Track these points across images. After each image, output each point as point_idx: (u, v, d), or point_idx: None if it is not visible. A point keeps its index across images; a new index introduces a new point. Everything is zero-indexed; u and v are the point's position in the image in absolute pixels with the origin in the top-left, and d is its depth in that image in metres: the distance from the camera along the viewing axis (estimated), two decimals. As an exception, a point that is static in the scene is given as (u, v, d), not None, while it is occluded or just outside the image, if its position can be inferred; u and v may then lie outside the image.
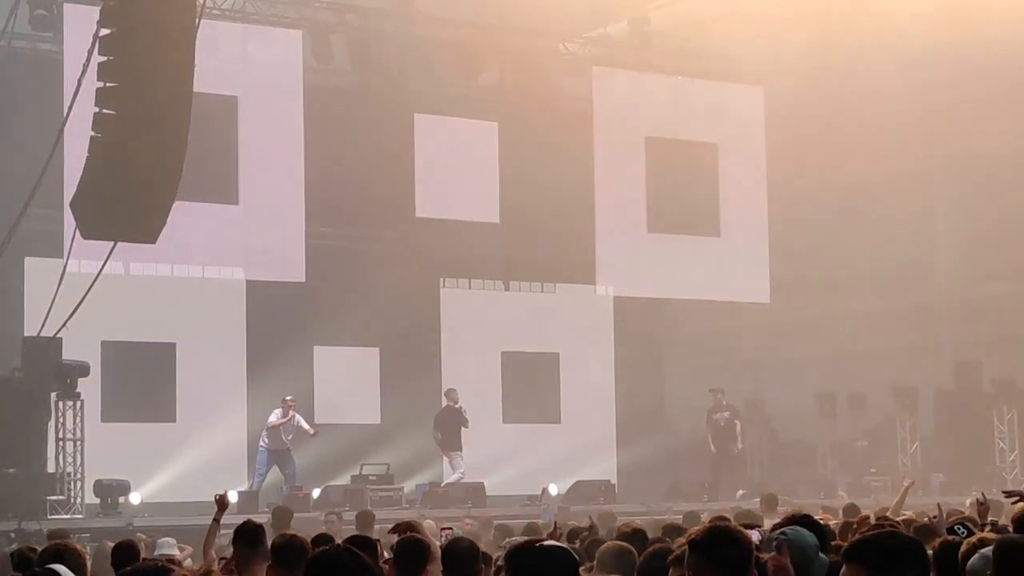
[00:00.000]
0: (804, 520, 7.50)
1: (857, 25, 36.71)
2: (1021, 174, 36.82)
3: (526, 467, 29.88)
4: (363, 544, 8.03)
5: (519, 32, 32.77)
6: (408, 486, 26.97)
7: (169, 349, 29.17)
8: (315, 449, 28.22)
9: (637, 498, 28.00)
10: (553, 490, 27.03)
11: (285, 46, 29.89)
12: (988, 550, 6.77)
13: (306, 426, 27.10)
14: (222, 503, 12.36)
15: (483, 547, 8.87)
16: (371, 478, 26.39)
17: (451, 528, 10.59)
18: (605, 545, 9.22)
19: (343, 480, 26.75)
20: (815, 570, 6.71)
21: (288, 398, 27.53)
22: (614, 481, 28.70)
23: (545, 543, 5.88)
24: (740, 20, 36.33)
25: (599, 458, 31.75)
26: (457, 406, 28.85)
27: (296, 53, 29.97)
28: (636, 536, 9.89)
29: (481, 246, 31.89)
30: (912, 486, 14.73)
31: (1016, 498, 10.78)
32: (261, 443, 27.33)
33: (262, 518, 16.62)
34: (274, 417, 27.24)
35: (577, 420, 32.68)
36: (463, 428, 28.72)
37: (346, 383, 30.65)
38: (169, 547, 13.92)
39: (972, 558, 6.98)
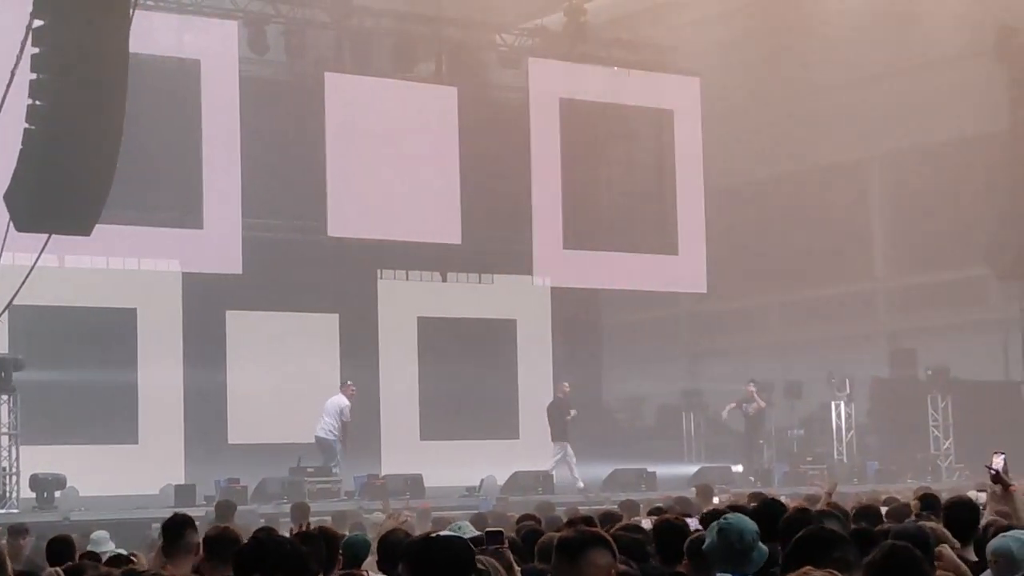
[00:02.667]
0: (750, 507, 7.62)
1: (792, 17, 36.95)
2: (955, 164, 37.12)
3: (465, 458, 29.89)
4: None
5: (455, 23, 32.80)
6: (346, 478, 26.91)
7: (106, 342, 28.96)
8: (254, 441, 28.29)
9: (575, 488, 28.07)
10: (492, 481, 27.08)
11: (221, 37, 29.76)
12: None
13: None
14: None
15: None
16: (309, 470, 26.30)
17: (390, 515, 10.53)
18: (546, 536, 9.20)
19: (282, 472, 26.65)
20: (754, 557, 6.79)
21: (350, 383, 27.89)
22: (552, 472, 28.73)
23: (442, 534, 5.89)
24: (676, 11, 36.54)
25: (538, 448, 31.78)
26: (561, 396, 29.54)
27: (232, 44, 29.85)
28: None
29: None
30: (835, 489, 14.84)
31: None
32: (331, 434, 27.43)
33: (198, 511, 16.62)
34: (349, 413, 27.48)
35: (516, 410, 32.66)
36: (567, 417, 29.27)
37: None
38: (104, 542, 13.84)
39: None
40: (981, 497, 11.64)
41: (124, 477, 26.70)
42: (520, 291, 33.41)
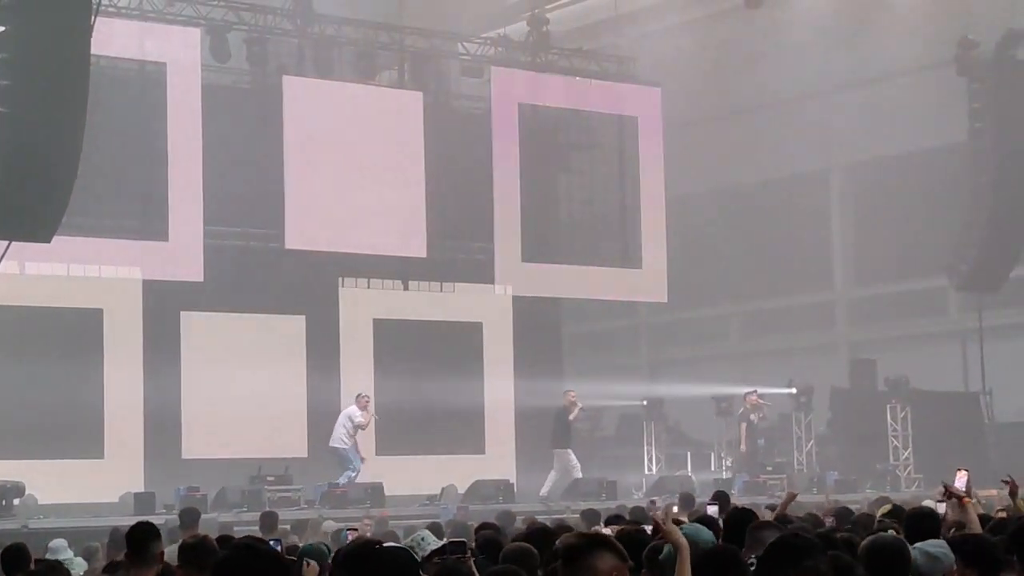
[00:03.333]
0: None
1: (753, 28, 37.08)
2: (915, 175, 37.34)
3: (426, 467, 29.89)
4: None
5: (418, 32, 32.80)
6: (307, 487, 26.86)
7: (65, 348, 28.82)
8: (214, 449, 28.26)
9: (536, 497, 28.09)
10: (452, 490, 27.08)
11: (183, 44, 29.67)
12: None
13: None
14: None
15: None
16: (269, 478, 26.25)
17: (355, 529, 10.51)
18: (507, 547, 9.19)
19: (241, 482, 26.56)
20: None
21: (363, 394, 28.08)
22: (513, 480, 28.73)
23: (385, 545, 5.88)
24: (638, 21, 36.63)
25: (499, 457, 31.80)
26: (566, 404, 29.74)
27: (194, 51, 29.77)
28: (538, 535, 9.73)
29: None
30: (794, 497, 14.88)
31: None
32: (343, 443, 27.61)
33: (158, 519, 16.54)
34: (359, 417, 27.71)
35: (477, 419, 32.62)
36: (569, 424, 29.64)
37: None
38: (63, 550, 13.77)
39: None
40: (941, 508, 11.71)
41: (84, 484, 26.60)
42: (481, 301, 33.42)
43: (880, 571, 6.98)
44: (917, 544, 7.72)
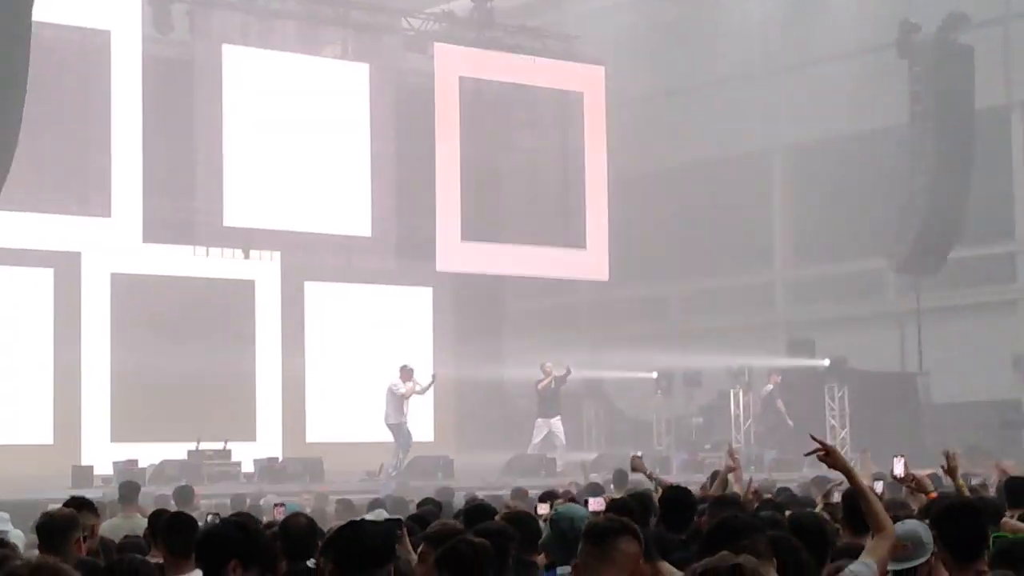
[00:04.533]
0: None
1: (699, 7, 37.15)
2: (856, 157, 37.52)
3: (365, 442, 29.89)
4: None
5: (361, 5, 32.68)
6: (245, 461, 26.82)
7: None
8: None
9: (475, 473, 28.09)
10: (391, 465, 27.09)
11: (125, 14, 29.45)
12: None
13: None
14: None
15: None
16: (208, 453, 26.21)
17: (283, 504, 10.38)
18: (437, 523, 9.17)
19: (180, 455, 26.48)
20: None
21: (406, 365, 27.97)
22: (452, 457, 28.75)
23: (366, 518, 5.92)
24: (583, -1, 36.64)
25: (438, 433, 31.85)
26: (545, 374, 29.70)
27: (135, 22, 29.55)
28: (475, 512, 9.64)
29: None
30: (733, 470, 14.86)
31: None
32: (395, 418, 27.66)
33: (95, 493, 16.48)
34: (402, 388, 27.67)
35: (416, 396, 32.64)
36: (541, 395, 29.59)
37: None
38: (3, 523, 13.61)
39: None
40: (877, 487, 11.79)
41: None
42: (424, 278, 33.46)
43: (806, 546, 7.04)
44: (910, 520, 7.78)
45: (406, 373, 27.99)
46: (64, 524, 8.82)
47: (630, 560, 5.92)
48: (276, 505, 10.23)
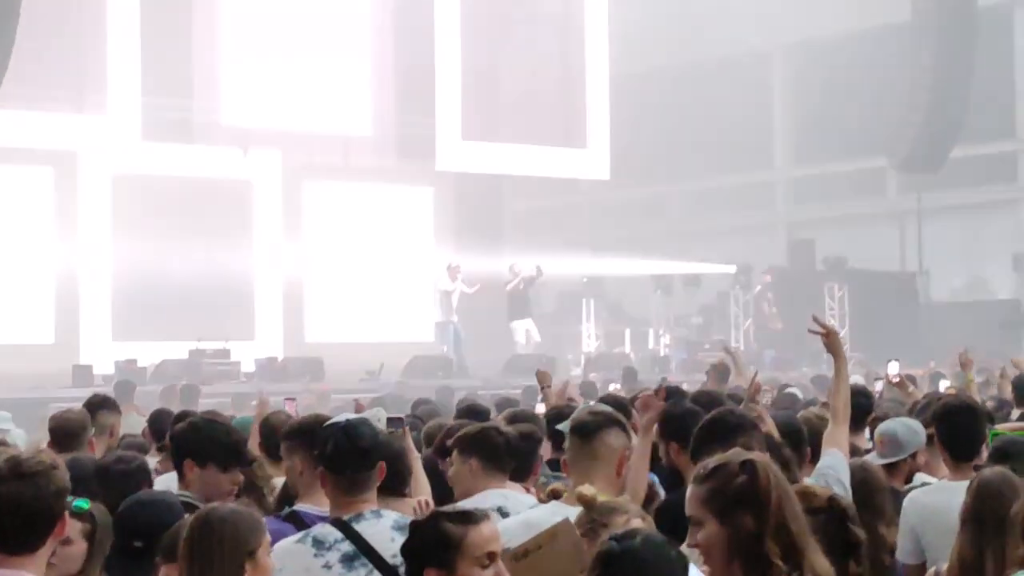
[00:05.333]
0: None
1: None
2: (856, 55, 37.33)
3: (365, 342, 29.97)
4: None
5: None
6: (245, 361, 26.90)
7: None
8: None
9: (475, 372, 28.16)
10: (392, 365, 27.13)
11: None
12: None
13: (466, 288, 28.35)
14: None
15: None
16: (208, 352, 26.28)
17: (294, 399, 10.48)
18: (434, 421, 9.22)
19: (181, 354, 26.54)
20: None
21: (452, 264, 28.53)
22: (452, 356, 28.82)
23: (364, 416, 5.94)
24: None
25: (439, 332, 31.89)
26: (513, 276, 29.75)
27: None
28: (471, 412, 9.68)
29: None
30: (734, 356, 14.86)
31: None
32: (440, 316, 28.49)
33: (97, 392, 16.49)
34: (448, 285, 28.31)
35: (416, 293, 32.70)
36: (511, 296, 29.64)
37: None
38: (5, 421, 13.62)
39: None
40: (877, 386, 11.84)
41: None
42: (424, 179, 33.43)
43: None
44: (899, 418, 8.13)
45: (452, 271, 28.19)
46: (76, 426, 8.88)
47: (615, 453, 5.91)
48: (286, 400, 10.30)
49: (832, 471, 6.52)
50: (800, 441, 7.46)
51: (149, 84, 29.06)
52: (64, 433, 8.87)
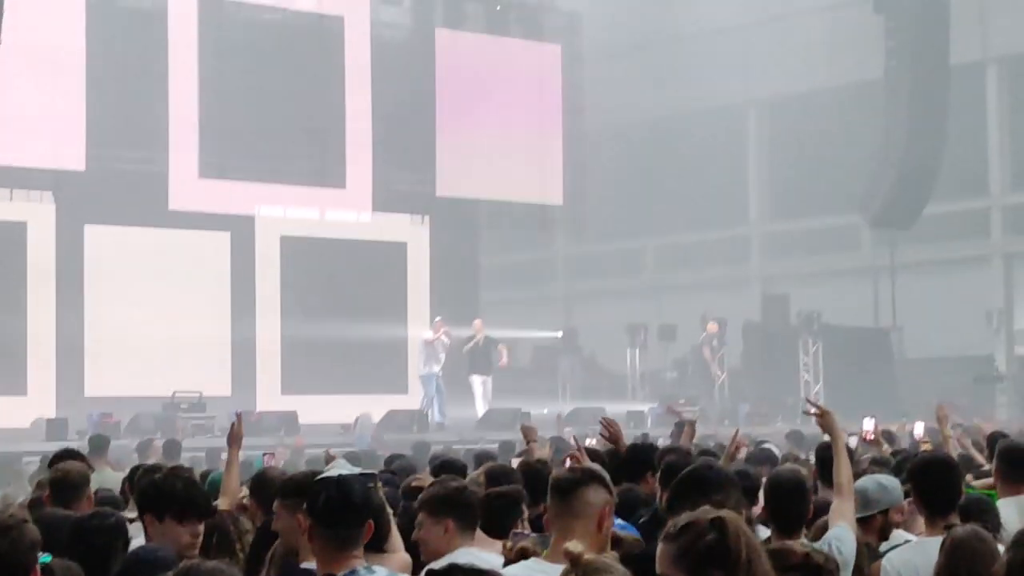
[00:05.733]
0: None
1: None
2: (831, 111, 37.58)
3: (339, 393, 29.86)
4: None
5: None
6: (220, 415, 26.79)
7: None
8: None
9: (450, 428, 28.12)
10: (367, 419, 27.06)
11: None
12: None
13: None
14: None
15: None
16: (183, 405, 26.17)
17: (272, 453, 10.50)
18: (410, 478, 9.20)
19: (155, 407, 26.41)
20: None
21: (437, 318, 29.05)
22: (434, 409, 28.76)
23: (341, 474, 5.93)
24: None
25: (414, 386, 31.80)
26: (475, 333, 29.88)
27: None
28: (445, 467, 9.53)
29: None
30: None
31: None
32: (421, 369, 28.74)
33: (70, 446, 16.43)
34: (429, 335, 28.73)
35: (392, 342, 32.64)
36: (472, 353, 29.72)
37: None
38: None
39: None
40: (852, 441, 11.86)
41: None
42: (400, 231, 33.41)
43: (782, 504, 7.18)
44: (872, 475, 8.08)
45: (436, 325, 28.47)
46: (78, 479, 8.86)
47: (596, 510, 5.90)
48: (265, 454, 10.31)
49: (837, 541, 6.72)
50: (805, 498, 7.43)
51: None
52: (65, 486, 8.85)
